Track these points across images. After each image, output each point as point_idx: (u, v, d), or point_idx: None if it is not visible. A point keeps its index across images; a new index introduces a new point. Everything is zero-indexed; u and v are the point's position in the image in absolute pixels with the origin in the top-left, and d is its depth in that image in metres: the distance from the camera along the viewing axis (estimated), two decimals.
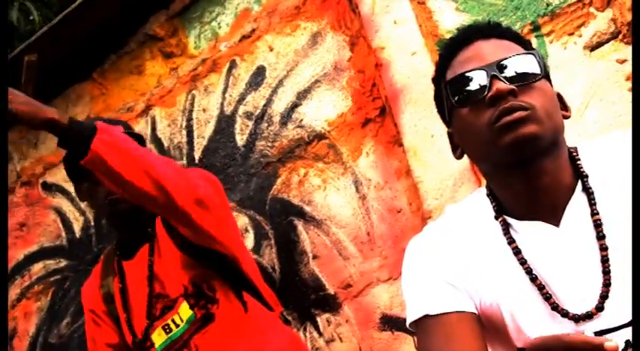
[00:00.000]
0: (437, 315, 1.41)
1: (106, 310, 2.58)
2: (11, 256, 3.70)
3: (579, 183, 1.40)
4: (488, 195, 1.50)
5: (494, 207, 1.46)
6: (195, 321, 2.43)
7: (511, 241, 1.41)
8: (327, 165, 2.81)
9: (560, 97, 1.48)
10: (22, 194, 3.70)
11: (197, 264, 2.44)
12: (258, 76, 3.00)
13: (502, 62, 1.39)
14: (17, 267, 3.69)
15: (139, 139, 2.47)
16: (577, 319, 1.32)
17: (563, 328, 1.34)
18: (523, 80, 1.38)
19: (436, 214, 2.45)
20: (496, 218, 1.45)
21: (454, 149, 1.55)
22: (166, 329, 2.45)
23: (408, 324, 1.47)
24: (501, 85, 1.35)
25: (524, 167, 1.37)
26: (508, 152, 1.35)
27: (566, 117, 1.46)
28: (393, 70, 2.59)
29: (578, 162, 1.43)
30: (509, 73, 1.38)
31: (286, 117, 2.91)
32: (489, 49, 1.44)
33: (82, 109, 3.48)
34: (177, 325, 2.44)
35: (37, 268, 3.62)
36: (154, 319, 2.47)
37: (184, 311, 2.43)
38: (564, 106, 1.48)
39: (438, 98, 1.55)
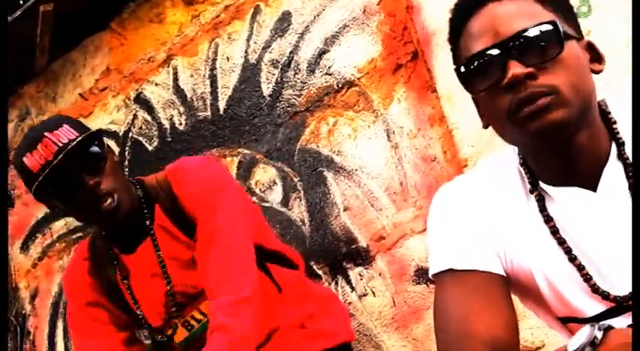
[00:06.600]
0: (462, 271, 1.36)
1: (114, 303, 2.44)
2: (31, 214, 3.68)
3: (614, 148, 1.32)
4: (521, 164, 1.41)
5: (528, 178, 1.38)
6: None
7: (548, 218, 1.34)
8: (358, 113, 2.76)
9: (591, 46, 1.35)
10: None
11: None
12: (284, 21, 2.94)
13: (517, 37, 1.25)
14: (37, 224, 3.68)
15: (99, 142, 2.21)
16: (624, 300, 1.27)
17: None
18: (543, 57, 1.25)
19: (472, 162, 2.41)
20: (531, 192, 1.37)
21: (481, 116, 1.43)
22: (187, 326, 2.38)
23: (430, 275, 1.43)
24: (517, 70, 1.22)
25: (555, 146, 1.28)
26: (536, 139, 1.26)
27: (598, 71, 1.34)
28: (425, 12, 2.54)
29: (614, 125, 1.33)
30: (526, 49, 1.24)
31: (314, 64, 2.85)
32: (504, 16, 1.29)
33: (100, 61, 3.44)
34: (198, 321, 2.37)
35: (59, 226, 3.60)
36: (171, 317, 2.38)
37: (206, 306, 2.34)
38: (597, 57, 1.35)
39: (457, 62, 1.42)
